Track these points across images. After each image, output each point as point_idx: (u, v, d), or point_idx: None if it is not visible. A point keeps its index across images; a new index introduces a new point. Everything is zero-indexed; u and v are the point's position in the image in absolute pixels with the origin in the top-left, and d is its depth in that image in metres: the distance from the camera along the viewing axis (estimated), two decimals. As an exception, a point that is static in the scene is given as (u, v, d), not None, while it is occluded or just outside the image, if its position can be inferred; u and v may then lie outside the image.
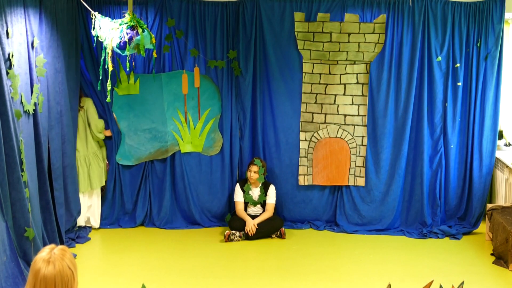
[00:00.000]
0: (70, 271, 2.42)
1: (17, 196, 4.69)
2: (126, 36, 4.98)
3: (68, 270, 2.42)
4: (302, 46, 6.40)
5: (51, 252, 2.45)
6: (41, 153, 5.19)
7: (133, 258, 5.61)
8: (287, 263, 5.55)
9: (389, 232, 6.46)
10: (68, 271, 2.42)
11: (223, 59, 6.46)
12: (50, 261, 2.40)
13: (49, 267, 2.39)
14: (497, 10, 6.18)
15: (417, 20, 6.25)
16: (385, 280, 5.01)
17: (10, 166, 4.59)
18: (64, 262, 2.42)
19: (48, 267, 2.38)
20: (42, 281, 2.38)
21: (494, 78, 6.27)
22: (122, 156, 6.53)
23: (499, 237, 5.54)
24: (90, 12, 5.24)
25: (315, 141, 6.55)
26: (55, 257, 2.42)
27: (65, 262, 2.42)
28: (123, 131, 6.50)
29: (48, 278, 2.37)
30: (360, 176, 6.54)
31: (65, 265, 2.41)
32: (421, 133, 6.38)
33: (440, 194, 6.48)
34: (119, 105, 6.45)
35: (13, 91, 4.60)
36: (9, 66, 4.57)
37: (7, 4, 4.57)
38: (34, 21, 5.10)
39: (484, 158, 6.38)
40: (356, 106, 6.46)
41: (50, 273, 2.38)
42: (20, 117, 4.72)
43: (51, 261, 2.40)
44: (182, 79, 6.46)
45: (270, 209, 6.33)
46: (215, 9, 6.36)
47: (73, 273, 2.44)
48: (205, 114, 6.54)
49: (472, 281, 5.06)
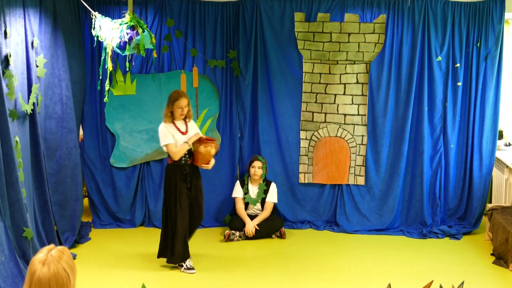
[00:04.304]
0: (65, 274, 2.41)
1: (15, 196, 4.68)
2: (126, 36, 4.97)
3: (64, 273, 2.41)
4: (302, 46, 6.40)
5: (48, 254, 2.44)
6: (38, 153, 5.18)
7: (133, 258, 5.61)
8: (287, 263, 5.54)
9: (389, 232, 6.46)
10: (64, 274, 2.41)
11: (223, 58, 6.46)
12: (46, 263, 2.39)
13: (44, 269, 2.38)
14: (497, 10, 6.18)
15: (417, 20, 6.25)
16: (385, 280, 5.01)
17: (8, 166, 4.58)
18: (60, 264, 2.41)
19: (43, 269, 2.38)
20: (37, 283, 2.37)
21: (494, 78, 6.27)
22: (117, 158, 6.50)
23: (499, 237, 5.54)
24: (90, 12, 5.23)
25: (315, 140, 6.56)
26: (51, 259, 2.41)
27: (60, 265, 2.41)
28: (118, 133, 6.48)
29: (43, 280, 2.37)
30: (360, 175, 6.54)
31: (60, 267, 2.40)
32: (421, 132, 6.38)
33: (440, 194, 6.48)
34: (114, 106, 6.43)
35: (8, 91, 4.59)
36: (6, 66, 4.56)
37: (5, 4, 4.57)
38: (34, 21, 5.09)
39: (484, 158, 6.37)
40: (356, 105, 6.47)
41: (45, 275, 2.37)
42: (15, 117, 4.70)
43: (47, 263, 2.39)
44: (180, 79, 6.46)
45: (269, 208, 6.32)
46: (215, 9, 6.37)
47: (69, 275, 2.43)
48: (203, 113, 6.54)
49: (472, 281, 5.05)
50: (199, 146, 5.16)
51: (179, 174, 5.15)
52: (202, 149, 5.14)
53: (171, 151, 5.13)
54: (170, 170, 5.20)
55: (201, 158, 5.20)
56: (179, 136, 5.16)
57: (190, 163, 5.23)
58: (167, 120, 5.18)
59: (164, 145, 5.17)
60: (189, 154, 5.22)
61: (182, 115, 5.18)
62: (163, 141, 5.16)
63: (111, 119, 6.46)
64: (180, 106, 5.13)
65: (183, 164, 5.19)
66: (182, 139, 5.15)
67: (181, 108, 5.14)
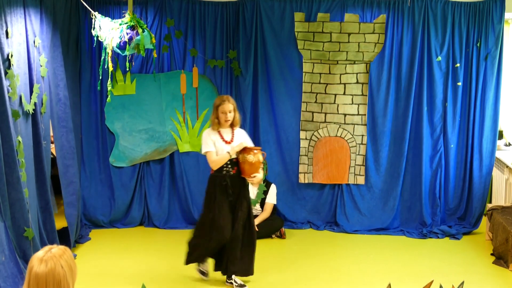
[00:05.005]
0: (62, 271, 2.43)
1: (16, 196, 4.68)
2: (126, 36, 4.97)
3: (61, 270, 2.42)
4: (302, 46, 6.40)
5: (47, 252, 2.46)
6: (40, 153, 5.18)
7: (133, 258, 5.61)
8: (287, 263, 5.55)
9: (389, 232, 6.46)
10: (61, 271, 2.42)
11: (223, 59, 6.46)
12: (43, 260, 2.42)
13: (41, 265, 2.41)
14: (497, 10, 6.18)
15: (417, 20, 6.25)
16: (385, 280, 5.01)
17: (9, 166, 4.58)
18: (57, 261, 2.43)
19: (40, 266, 2.41)
20: (34, 279, 2.40)
21: (494, 78, 6.27)
22: (116, 158, 6.51)
23: (499, 237, 5.54)
24: (90, 12, 5.23)
25: (315, 140, 6.56)
26: (49, 256, 2.43)
27: (58, 262, 2.42)
28: (117, 132, 6.48)
29: (40, 276, 2.40)
30: (360, 175, 6.55)
31: (58, 264, 2.42)
32: (421, 132, 6.39)
33: (440, 194, 6.49)
34: (114, 105, 6.43)
35: (11, 91, 4.59)
36: (8, 66, 4.56)
37: (6, 4, 4.57)
38: (35, 21, 5.09)
39: (484, 158, 6.38)
40: (356, 105, 6.47)
41: (41, 272, 2.40)
42: (18, 117, 4.70)
43: (44, 260, 2.42)
44: (180, 79, 6.46)
45: (268, 209, 6.32)
46: (215, 9, 6.37)
47: (66, 273, 2.44)
48: (203, 114, 6.54)
49: (472, 281, 5.05)
50: (245, 156, 4.77)
51: (219, 185, 4.80)
52: (251, 158, 4.74)
53: (210, 160, 4.82)
54: (211, 181, 4.88)
55: (248, 169, 4.79)
56: (221, 145, 4.81)
57: (233, 173, 4.83)
58: (213, 127, 4.87)
59: (204, 152, 4.87)
60: (232, 164, 4.83)
61: (227, 121, 4.81)
62: (203, 148, 4.86)
63: (110, 118, 6.47)
64: (224, 111, 4.79)
65: (224, 174, 4.81)
66: (224, 148, 4.80)
67: (225, 113, 4.78)
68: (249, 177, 4.84)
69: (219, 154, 4.80)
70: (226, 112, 4.79)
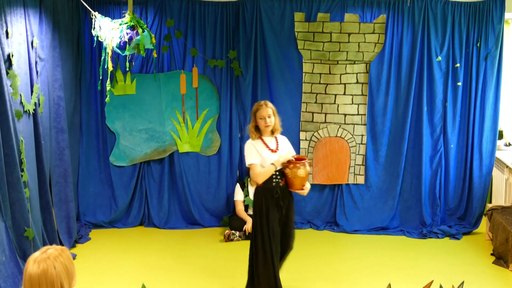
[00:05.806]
0: (55, 272, 2.44)
1: (16, 196, 4.68)
2: (126, 36, 4.97)
3: (54, 271, 2.44)
4: (302, 46, 6.40)
5: (43, 252, 2.48)
6: (41, 153, 5.18)
7: (133, 258, 5.61)
8: (287, 263, 5.54)
9: (389, 232, 6.46)
10: (53, 272, 2.44)
11: (223, 59, 6.46)
12: (37, 261, 2.44)
13: (35, 266, 2.43)
14: (497, 10, 6.18)
15: (417, 20, 6.25)
16: (385, 280, 5.01)
17: (9, 166, 4.58)
18: (51, 262, 2.44)
19: (33, 267, 2.43)
20: (28, 280, 2.43)
21: (494, 78, 6.27)
22: (116, 157, 6.51)
23: (499, 237, 5.54)
24: (90, 12, 5.23)
25: (315, 141, 6.56)
26: (43, 258, 2.45)
27: (51, 263, 2.44)
28: (118, 132, 6.49)
29: (33, 277, 2.42)
30: (360, 174, 6.55)
31: (50, 265, 2.43)
32: (421, 132, 6.39)
33: (440, 194, 6.49)
34: (114, 105, 6.44)
35: (13, 91, 4.60)
36: (8, 66, 4.57)
37: (6, 4, 4.57)
38: (34, 21, 5.09)
39: (484, 158, 6.38)
40: (356, 105, 6.47)
41: (34, 273, 2.42)
42: (20, 117, 4.71)
43: (37, 261, 2.44)
44: (180, 79, 6.46)
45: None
46: (215, 9, 6.37)
47: (60, 274, 2.45)
48: (203, 114, 6.54)
49: (472, 281, 5.06)
50: (294, 171, 4.43)
51: (270, 198, 4.44)
52: (301, 173, 4.42)
53: (254, 173, 4.45)
54: (259, 194, 4.48)
55: (298, 183, 4.46)
56: (268, 154, 4.48)
57: (282, 185, 4.49)
58: (253, 136, 4.54)
59: (248, 165, 4.51)
60: (281, 175, 4.49)
61: (267, 126, 4.49)
62: (247, 160, 4.50)
63: (111, 118, 6.48)
64: (262, 117, 4.48)
65: (274, 186, 4.45)
66: (271, 157, 4.46)
67: (264, 118, 4.48)
68: (300, 189, 4.52)
69: (266, 164, 4.46)
70: (265, 117, 4.49)
